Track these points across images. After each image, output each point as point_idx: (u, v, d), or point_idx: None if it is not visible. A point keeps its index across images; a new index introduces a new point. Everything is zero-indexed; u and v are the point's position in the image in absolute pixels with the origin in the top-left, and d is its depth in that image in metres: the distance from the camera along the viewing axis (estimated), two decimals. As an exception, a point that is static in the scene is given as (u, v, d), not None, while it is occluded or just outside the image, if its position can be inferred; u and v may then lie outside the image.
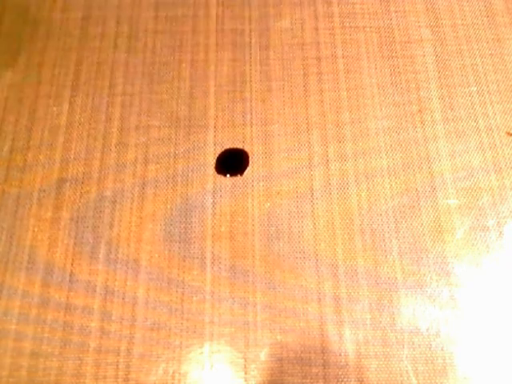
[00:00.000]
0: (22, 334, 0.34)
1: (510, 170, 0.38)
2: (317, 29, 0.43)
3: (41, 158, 0.40)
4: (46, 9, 0.46)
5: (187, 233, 0.37)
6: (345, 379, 0.32)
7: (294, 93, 0.41)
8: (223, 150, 0.39)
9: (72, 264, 0.36)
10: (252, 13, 0.44)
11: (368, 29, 0.43)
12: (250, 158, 0.39)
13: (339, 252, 0.36)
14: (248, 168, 0.39)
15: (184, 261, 0.36)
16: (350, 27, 0.43)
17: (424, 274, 0.35)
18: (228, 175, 0.39)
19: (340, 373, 0.33)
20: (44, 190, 0.39)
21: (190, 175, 0.39)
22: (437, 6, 0.44)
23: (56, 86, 0.42)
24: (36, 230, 0.37)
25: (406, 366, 0.33)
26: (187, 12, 0.45)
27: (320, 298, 0.35)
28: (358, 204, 0.37)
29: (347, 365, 0.33)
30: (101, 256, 0.36)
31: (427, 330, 0.33)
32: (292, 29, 0.44)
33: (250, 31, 0.44)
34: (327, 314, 0.34)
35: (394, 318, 0.34)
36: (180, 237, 0.37)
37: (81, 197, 0.38)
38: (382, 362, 0.33)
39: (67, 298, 0.35)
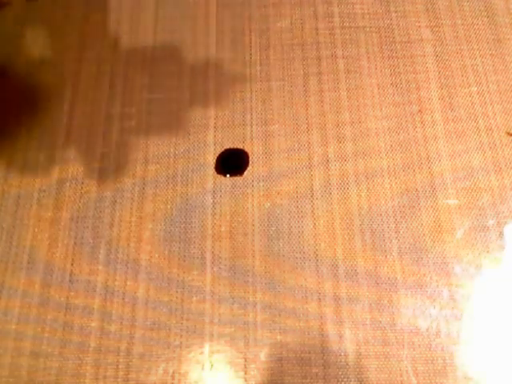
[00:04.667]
0: (22, 333, 0.34)
1: (509, 170, 0.38)
2: (317, 29, 0.43)
3: (41, 158, 0.40)
4: (46, 8, 0.46)
5: (187, 233, 0.37)
6: (345, 379, 0.32)
7: (294, 93, 0.41)
8: (223, 149, 0.39)
9: (72, 264, 0.36)
10: (252, 13, 0.44)
11: (368, 29, 0.43)
12: (250, 157, 0.39)
13: (339, 252, 0.36)
14: (248, 168, 0.39)
15: (184, 261, 0.36)
16: (350, 27, 0.43)
17: (424, 274, 0.35)
18: (228, 175, 0.39)
19: (340, 373, 0.33)
20: (44, 190, 0.39)
21: (189, 175, 0.39)
22: (437, 5, 0.44)
23: (56, 86, 0.42)
24: (36, 230, 0.37)
25: (406, 366, 0.33)
26: (187, 12, 0.45)
27: (320, 298, 0.35)
28: (358, 204, 0.37)
29: (347, 365, 0.33)
30: (101, 256, 0.36)
31: (427, 330, 0.33)
32: (292, 29, 0.44)
33: (250, 31, 0.44)
34: (327, 314, 0.34)
35: (393, 318, 0.34)
36: (180, 237, 0.37)
37: (81, 197, 0.38)
38: (381, 362, 0.33)
39: (67, 298, 0.35)
